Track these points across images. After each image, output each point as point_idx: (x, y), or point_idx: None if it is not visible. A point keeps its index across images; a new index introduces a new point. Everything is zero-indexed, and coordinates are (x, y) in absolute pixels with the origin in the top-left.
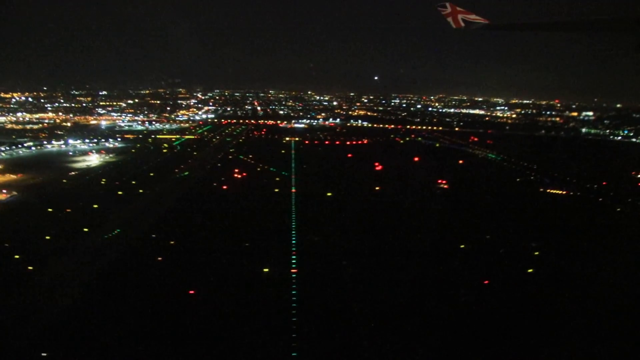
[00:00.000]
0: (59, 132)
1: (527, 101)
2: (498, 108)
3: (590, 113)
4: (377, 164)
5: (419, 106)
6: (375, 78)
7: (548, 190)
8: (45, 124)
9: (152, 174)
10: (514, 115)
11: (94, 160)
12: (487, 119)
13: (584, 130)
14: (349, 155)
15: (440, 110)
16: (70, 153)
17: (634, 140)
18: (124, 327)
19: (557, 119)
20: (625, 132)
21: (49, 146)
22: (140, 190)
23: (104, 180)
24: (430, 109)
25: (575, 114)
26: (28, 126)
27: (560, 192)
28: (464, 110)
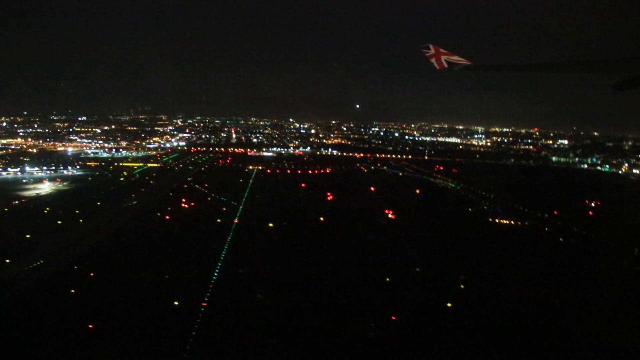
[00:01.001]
0: (22, 159)
1: (507, 129)
2: (476, 136)
3: (565, 141)
4: (329, 194)
5: (396, 134)
6: (357, 106)
7: (497, 221)
8: (10, 150)
9: (99, 203)
10: (488, 144)
11: (45, 188)
12: (460, 147)
13: (554, 158)
14: (303, 184)
15: (417, 138)
16: (24, 181)
17: (598, 168)
18: None
19: (531, 147)
20: (594, 159)
21: (3, 173)
22: (81, 220)
23: (47, 209)
24: (407, 137)
25: (550, 142)
26: None
27: (508, 222)
28: (441, 139)
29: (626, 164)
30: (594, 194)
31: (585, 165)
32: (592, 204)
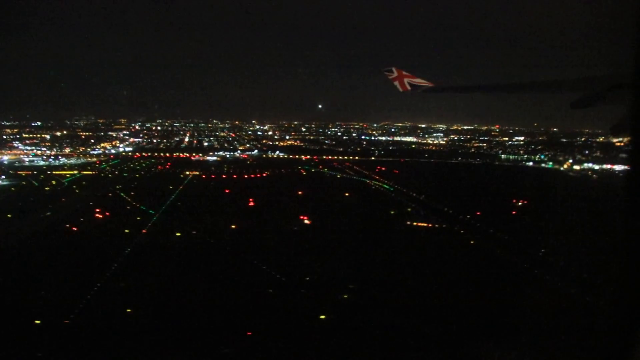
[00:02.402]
0: None
1: (469, 127)
2: (435, 135)
3: (521, 138)
4: (251, 200)
5: (354, 134)
6: (320, 106)
7: (414, 224)
8: None
9: (9, 216)
10: (442, 142)
11: None
12: (412, 146)
13: (503, 156)
14: (227, 190)
15: (373, 138)
16: None
17: (543, 165)
18: None
19: (484, 144)
20: (542, 156)
21: None
22: None
23: None
24: (363, 136)
25: (506, 138)
26: None
27: (426, 224)
28: (397, 138)
29: (570, 160)
30: (525, 192)
31: (531, 163)
32: (519, 203)
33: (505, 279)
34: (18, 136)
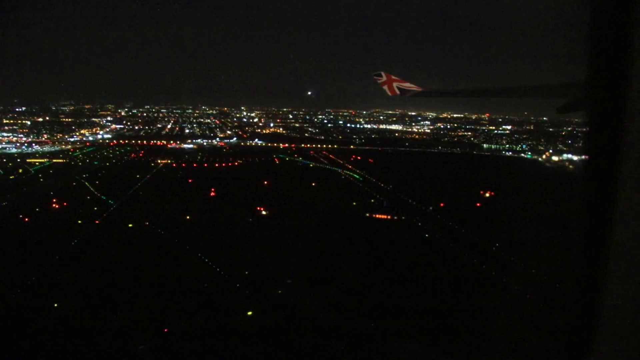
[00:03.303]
0: None
1: (459, 115)
2: (421, 123)
3: (509, 127)
4: (213, 190)
5: (340, 122)
6: (309, 93)
7: (373, 216)
8: None
9: None
10: (427, 130)
11: None
12: (395, 135)
13: (485, 145)
14: (190, 180)
15: (358, 126)
16: None
17: (521, 155)
18: None
19: (469, 133)
20: (524, 146)
21: None
22: None
23: None
24: (348, 124)
25: (493, 127)
26: None
27: (385, 216)
28: (383, 126)
29: (550, 151)
30: (495, 183)
31: (510, 153)
32: (487, 195)
33: (451, 274)
34: None
